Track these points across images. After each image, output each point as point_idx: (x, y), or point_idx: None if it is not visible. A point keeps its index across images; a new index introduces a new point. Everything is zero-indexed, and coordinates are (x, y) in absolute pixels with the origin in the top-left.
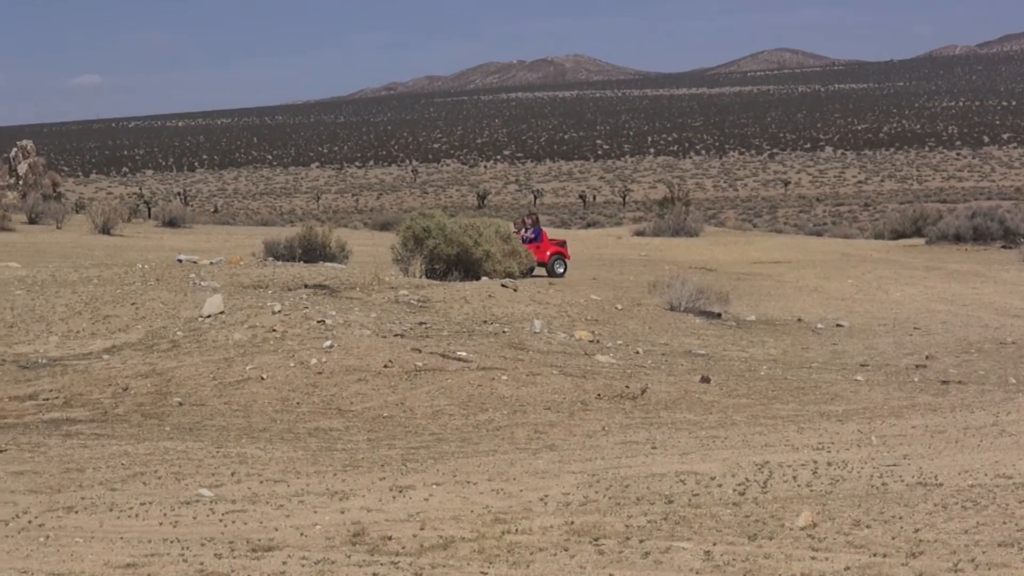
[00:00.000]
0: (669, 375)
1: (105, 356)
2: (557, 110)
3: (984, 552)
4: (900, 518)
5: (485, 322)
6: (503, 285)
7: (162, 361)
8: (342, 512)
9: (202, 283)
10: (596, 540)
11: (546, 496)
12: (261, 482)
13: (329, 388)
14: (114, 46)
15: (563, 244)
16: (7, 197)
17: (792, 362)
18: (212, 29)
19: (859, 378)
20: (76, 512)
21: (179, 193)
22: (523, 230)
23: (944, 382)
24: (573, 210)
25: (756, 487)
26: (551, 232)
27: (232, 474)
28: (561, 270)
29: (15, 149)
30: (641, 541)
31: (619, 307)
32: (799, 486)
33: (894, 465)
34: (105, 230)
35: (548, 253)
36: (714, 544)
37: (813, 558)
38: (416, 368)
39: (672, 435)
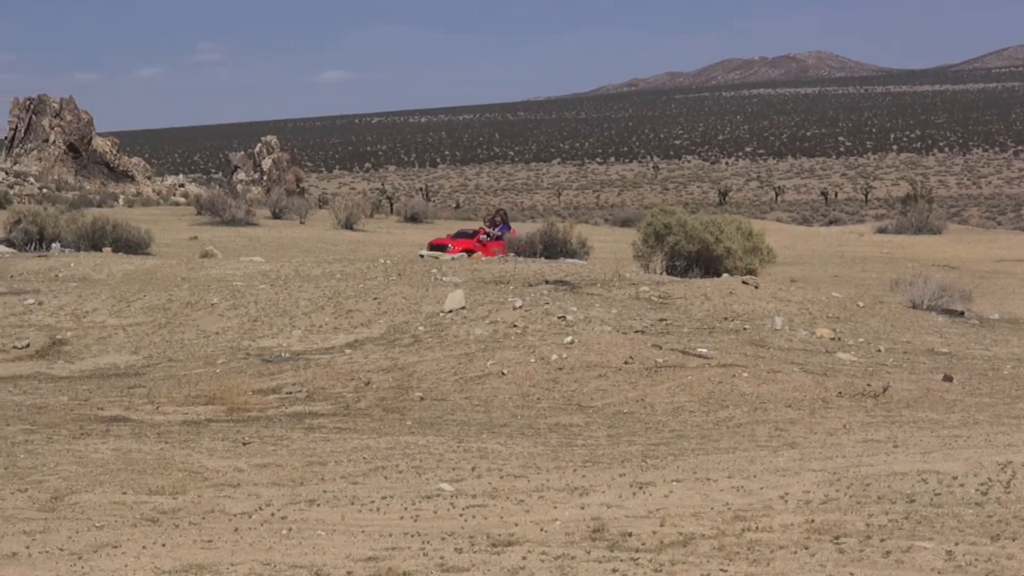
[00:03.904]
0: (911, 373)
1: (347, 350)
2: (799, 106)
3: None
4: None
5: (725, 319)
6: (744, 282)
7: (403, 356)
8: (582, 508)
9: (443, 278)
10: (836, 539)
11: (786, 494)
12: (501, 477)
13: (569, 384)
14: (359, 43)
15: None
16: (252, 192)
17: None
18: (455, 26)
19: None
20: (318, 505)
21: (421, 189)
22: (491, 227)
23: None
24: (815, 207)
25: (999, 487)
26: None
27: (472, 469)
28: None
29: (260, 145)
30: (882, 540)
31: (861, 305)
32: None
33: None
34: (347, 225)
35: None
36: (956, 544)
37: None
38: (656, 364)
39: (914, 434)
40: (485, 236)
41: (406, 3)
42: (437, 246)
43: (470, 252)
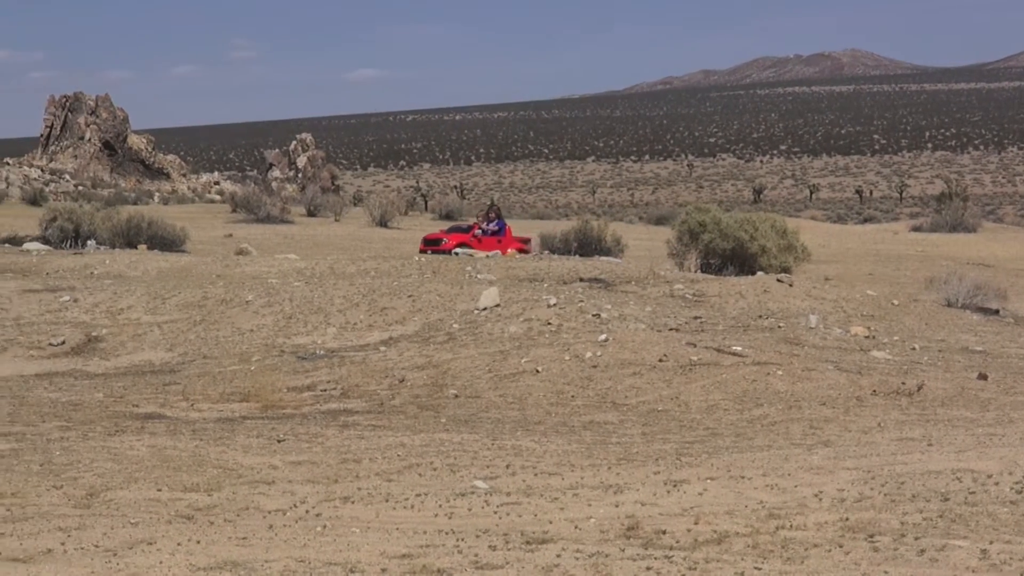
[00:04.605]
0: (945, 372)
1: (382, 348)
2: (834, 104)
3: None
4: None
5: (760, 317)
6: (779, 280)
7: (438, 353)
8: (616, 506)
9: (478, 276)
10: (871, 537)
11: (821, 492)
12: (536, 475)
13: (603, 381)
14: (393, 41)
15: (527, 241)
16: (286, 189)
17: None
18: (487, 24)
19: None
20: (353, 502)
21: (456, 187)
22: (485, 223)
23: None
24: (849, 205)
25: None
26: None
27: (507, 466)
28: None
29: (294, 142)
30: (916, 538)
31: (895, 303)
32: None
33: None
34: (382, 223)
35: (509, 249)
36: (991, 542)
37: None
38: (691, 362)
39: (948, 432)
40: (480, 231)
41: (439, 2)
42: (432, 240)
43: (464, 246)
